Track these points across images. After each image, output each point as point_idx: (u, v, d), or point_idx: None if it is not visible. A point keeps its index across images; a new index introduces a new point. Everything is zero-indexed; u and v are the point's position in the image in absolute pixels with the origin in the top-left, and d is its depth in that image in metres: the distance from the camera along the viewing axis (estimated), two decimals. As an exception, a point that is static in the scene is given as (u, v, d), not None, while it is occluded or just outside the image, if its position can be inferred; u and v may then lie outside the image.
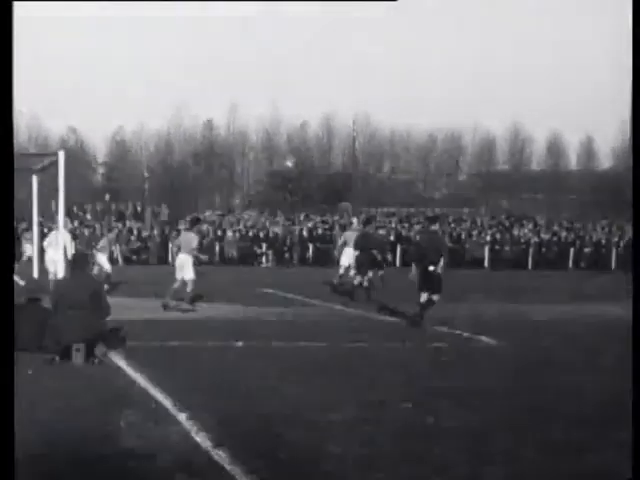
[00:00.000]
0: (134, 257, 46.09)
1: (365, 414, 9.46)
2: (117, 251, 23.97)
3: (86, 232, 35.31)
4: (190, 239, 21.37)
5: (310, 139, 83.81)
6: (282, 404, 9.94)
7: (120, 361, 12.70)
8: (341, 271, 26.17)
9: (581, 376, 12.33)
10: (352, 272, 24.85)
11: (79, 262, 13.77)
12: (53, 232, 24.69)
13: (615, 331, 17.83)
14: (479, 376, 12.33)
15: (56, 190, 17.59)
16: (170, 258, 45.98)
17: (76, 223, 45.65)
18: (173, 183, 72.28)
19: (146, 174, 72.95)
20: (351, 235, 26.04)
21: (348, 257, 25.51)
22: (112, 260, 26.98)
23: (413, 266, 18.32)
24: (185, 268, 20.75)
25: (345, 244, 26.19)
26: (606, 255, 48.31)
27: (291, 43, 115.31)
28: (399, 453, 7.93)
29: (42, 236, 24.99)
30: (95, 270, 24.74)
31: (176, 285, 20.73)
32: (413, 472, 7.39)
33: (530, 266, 47.39)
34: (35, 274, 20.65)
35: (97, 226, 41.25)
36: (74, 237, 28.72)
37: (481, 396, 10.64)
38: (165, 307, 20.34)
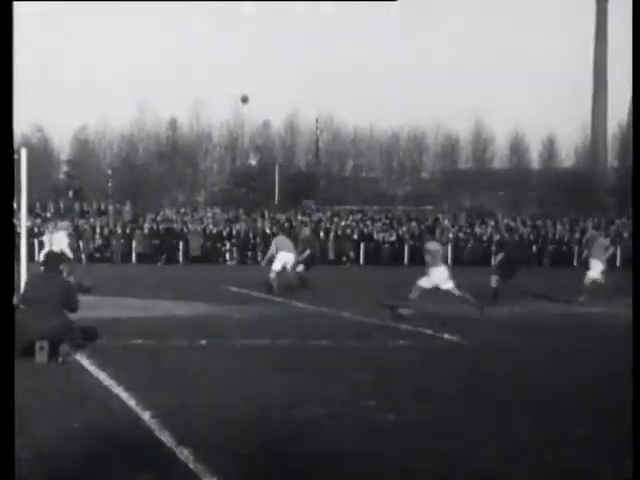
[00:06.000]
0: (97, 254, 45.92)
1: (330, 412, 9.49)
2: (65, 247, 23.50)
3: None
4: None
5: (274, 138, 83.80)
6: (247, 403, 9.96)
7: (84, 360, 12.65)
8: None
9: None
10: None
11: (51, 261, 13.69)
12: (47, 234, 24.43)
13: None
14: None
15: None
16: (134, 256, 46.04)
17: (38, 220, 45.41)
18: (137, 181, 71.94)
19: (109, 172, 72.54)
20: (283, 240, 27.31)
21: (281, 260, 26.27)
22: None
23: None
24: None
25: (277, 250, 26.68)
26: (568, 252, 48.64)
27: (254, 41, 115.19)
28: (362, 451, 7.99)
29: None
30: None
31: None
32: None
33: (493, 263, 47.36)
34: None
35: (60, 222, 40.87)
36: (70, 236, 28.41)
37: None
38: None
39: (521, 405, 10.15)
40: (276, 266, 26.14)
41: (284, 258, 26.06)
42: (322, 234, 48.77)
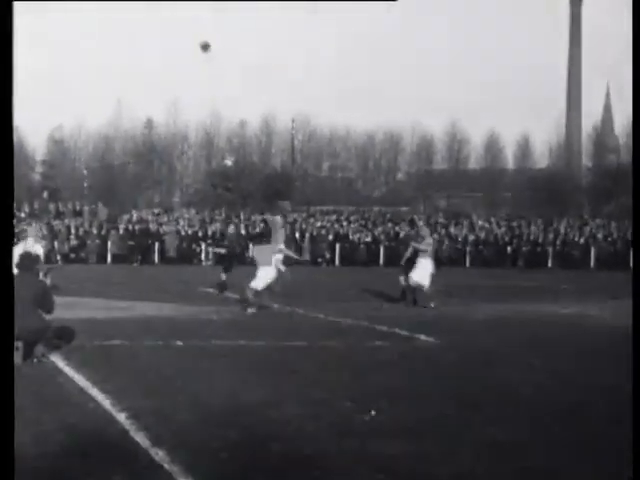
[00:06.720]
0: (72, 255, 45.78)
1: (307, 412, 9.53)
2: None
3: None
4: None
5: (249, 138, 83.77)
6: (223, 404, 9.98)
7: (60, 361, 12.63)
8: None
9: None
10: None
11: (26, 262, 13.61)
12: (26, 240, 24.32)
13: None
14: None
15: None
16: (109, 257, 45.82)
17: (14, 221, 45.20)
18: (112, 181, 71.71)
19: (85, 172, 72.29)
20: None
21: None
22: None
23: None
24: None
25: None
26: (542, 253, 48.86)
27: (230, 42, 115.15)
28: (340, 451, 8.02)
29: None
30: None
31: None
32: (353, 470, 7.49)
33: (467, 264, 47.80)
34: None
35: (34, 224, 40.79)
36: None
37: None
38: None
39: (495, 405, 10.21)
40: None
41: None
42: (297, 235, 48.79)
